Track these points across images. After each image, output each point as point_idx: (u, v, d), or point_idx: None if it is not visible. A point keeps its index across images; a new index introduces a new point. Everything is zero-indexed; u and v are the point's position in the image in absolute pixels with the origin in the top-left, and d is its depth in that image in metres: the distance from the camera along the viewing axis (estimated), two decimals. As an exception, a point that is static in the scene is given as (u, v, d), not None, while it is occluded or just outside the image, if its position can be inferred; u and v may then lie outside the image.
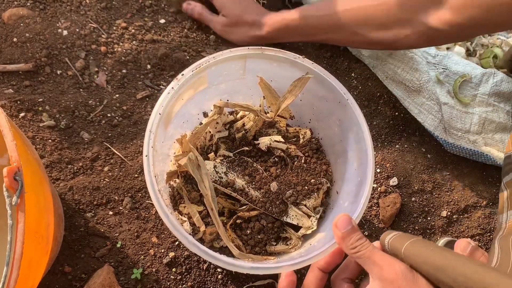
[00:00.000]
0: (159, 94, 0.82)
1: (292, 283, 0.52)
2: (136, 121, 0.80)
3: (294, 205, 0.65)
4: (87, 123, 0.78)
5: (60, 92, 0.79)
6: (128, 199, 0.73)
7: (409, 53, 0.85)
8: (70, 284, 0.66)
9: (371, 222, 0.78)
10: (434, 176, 0.84)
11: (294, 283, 0.53)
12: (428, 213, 0.81)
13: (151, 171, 0.54)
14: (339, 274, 0.50)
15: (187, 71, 0.60)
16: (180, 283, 0.69)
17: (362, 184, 0.60)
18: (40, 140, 0.75)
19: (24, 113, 0.76)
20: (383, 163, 0.83)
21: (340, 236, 0.47)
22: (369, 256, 0.44)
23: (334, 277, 0.51)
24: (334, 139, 0.70)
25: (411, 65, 0.85)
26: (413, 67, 0.85)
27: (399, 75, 0.85)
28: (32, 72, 0.80)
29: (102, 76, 0.82)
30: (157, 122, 0.57)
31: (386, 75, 0.87)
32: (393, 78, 0.86)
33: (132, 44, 0.85)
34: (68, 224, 0.70)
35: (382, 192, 0.81)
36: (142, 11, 0.90)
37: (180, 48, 0.87)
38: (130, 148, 0.77)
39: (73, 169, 0.74)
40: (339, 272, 0.51)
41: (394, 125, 0.88)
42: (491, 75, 0.90)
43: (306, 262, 0.53)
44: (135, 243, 0.70)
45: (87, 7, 0.87)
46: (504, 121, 0.88)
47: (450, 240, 0.76)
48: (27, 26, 0.81)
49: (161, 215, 0.53)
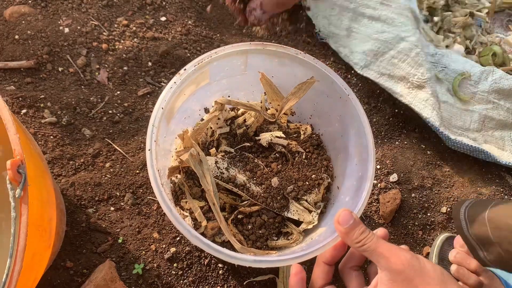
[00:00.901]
0: (160, 91, 0.82)
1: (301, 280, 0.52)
2: (137, 118, 0.80)
3: (295, 200, 0.66)
4: (89, 119, 0.78)
5: (62, 89, 0.79)
6: (129, 195, 0.73)
7: (416, 48, 0.86)
8: (72, 279, 0.66)
9: (371, 218, 0.79)
10: (434, 172, 0.84)
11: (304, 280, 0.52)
12: (428, 209, 0.81)
13: (154, 165, 0.54)
14: (346, 263, 0.51)
15: (189, 66, 0.60)
16: (181, 278, 0.69)
17: (363, 179, 0.60)
18: (42, 136, 0.75)
19: (26, 109, 0.76)
20: (383, 159, 0.84)
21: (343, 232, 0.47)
22: (375, 248, 0.44)
23: (342, 266, 0.51)
24: (335, 134, 0.70)
25: (417, 60, 0.85)
26: (419, 62, 0.85)
27: (402, 69, 0.85)
28: (34, 69, 0.80)
29: (104, 73, 0.82)
30: (160, 117, 0.57)
31: (383, 72, 0.87)
32: (392, 75, 0.86)
33: (133, 42, 0.85)
34: (70, 219, 0.70)
35: (382, 188, 0.81)
36: (143, 8, 0.91)
37: (181, 45, 0.87)
38: (132, 145, 0.78)
39: (75, 165, 0.74)
40: (346, 261, 0.51)
41: (394, 122, 0.88)
42: (490, 72, 0.91)
43: (308, 256, 0.53)
44: (137, 239, 0.71)
45: (89, 5, 0.87)
46: (504, 118, 0.89)
47: (449, 236, 0.76)
48: (28, 23, 0.82)
49: (164, 209, 0.53)
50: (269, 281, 0.71)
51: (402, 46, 0.86)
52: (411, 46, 0.86)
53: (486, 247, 0.60)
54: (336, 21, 0.91)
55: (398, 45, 0.87)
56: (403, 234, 0.79)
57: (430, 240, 0.79)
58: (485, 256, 0.61)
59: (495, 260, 0.60)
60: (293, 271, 0.52)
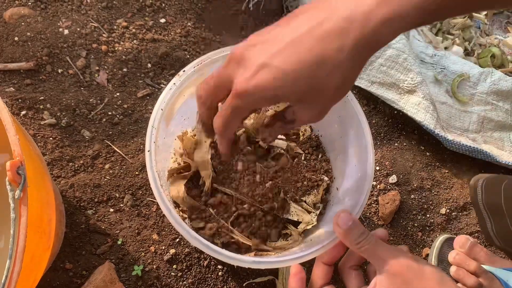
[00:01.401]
0: (159, 92, 0.82)
1: (301, 281, 0.52)
2: (137, 119, 0.80)
3: (294, 202, 0.66)
4: (88, 121, 0.78)
5: (61, 90, 0.80)
6: (128, 197, 0.73)
7: (403, 54, 0.86)
8: (71, 280, 0.66)
9: (371, 219, 0.79)
10: (433, 173, 0.84)
11: (303, 280, 0.52)
12: (427, 210, 0.81)
13: (153, 167, 0.54)
14: (346, 263, 0.51)
15: (188, 67, 0.61)
16: (180, 279, 0.69)
17: (362, 180, 0.60)
18: (41, 138, 0.75)
19: (26, 111, 0.76)
20: (382, 161, 0.84)
21: (342, 234, 0.47)
22: (374, 251, 0.45)
23: (341, 266, 0.52)
24: (334, 135, 0.70)
25: (405, 66, 0.86)
26: (407, 68, 0.86)
27: (391, 76, 0.86)
28: (33, 71, 0.80)
29: (103, 74, 0.83)
30: (159, 118, 0.57)
31: (373, 80, 0.87)
32: (382, 82, 0.87)
33: (132, 43, 0.86)
34: (69, 221, 0.70)
35: (381, 189, 0.81)
36: (142, 10, 0.91)
37: (181, 47, 0.87)
38: (131, 146, 0.78)
39: (74, 167, 0.74)
40: (345, 260, 0.51)
41: (393, 123, 0.89)
42: (489, 74, 0.91)
43: (308, 257, 0.53)
44: (136, 240, 0.71)
45: (88, 7, 0.87)
46: (503, 119, 0.89)
47: (449, 237, 0.76)
48: (28, 25, 0.82)
49: (163, 210, 0.53)
50: (269, 282, 0.71)
51: (389, 53, 0.87)
52: (398, 53, 0.86)
53: (495, 217, 0.61)
54: None
55: (385, 52, 0.87)
56: (403, 235, 0.79)
57: (430, 242, 0.79)
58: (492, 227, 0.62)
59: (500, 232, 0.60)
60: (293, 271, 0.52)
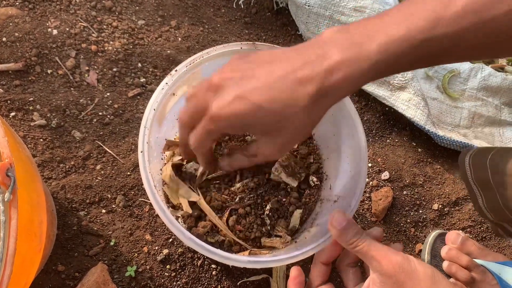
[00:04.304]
0: (150, 92, 0.82)
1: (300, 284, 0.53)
2: (128, 119, 0.79)
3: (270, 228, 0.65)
4: (79, 121, 0.77)
5: (51, 91, 0.79)
6: (121, 197, 0.73)
7: None
8: (64, 283, 0.65)
9: (364, 216, 0.79)
10: (425, 169, 0.85)
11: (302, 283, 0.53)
12: (420, 206, 0.82)
13: (147, 167, 0.54)
14: (343, 261, 0.52)
15: (180, 66, 0.60)
16: (174, 279, 0.69)
17: (355, 179, 0.60)
18: (32, 139, 0.74)
19: (15, 112, 0.75)
20: (375, 157, 0.84)
21: (337, 234, 0.48)
22: (367, 251, 0.45)
23: (339, 264, 0.52)
24: (327, 134, 0.70)
25: None
26: None
27: None
28: (22, 72, 0.79)
29: (93, 75, 0.82)
30: (152, 118, 0.57)
31: None
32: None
33: (122, 43, 0.85)
34: (61, 223, 0.69)
35: (374, 186, 0.81)
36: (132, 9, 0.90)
37: (171, 46, 0.87)
38: (122, 146, 0.77)
39: (65, 168, 0.73)
40: (342, 258, 0.52)
41: (385, 120, 0.89)
42: (479, 69, 0.91)
43: (302, 256, 0.53)
44: (129, 241, 0.70)
45: (77, 6, 0.86)
46: (493, 115, 0.90)
47: (441, 233, 0.77)
48: (16, 25, 0.81)
49: (157, 210, 0.52)
50: (263, 281, 0.71)
51: None
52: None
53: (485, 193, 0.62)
54: (314, 28, 0.90)
55: None
56: (396, 231, 0.79)
57: (422, 237, 0.80)
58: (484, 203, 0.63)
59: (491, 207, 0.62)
60: (292, 274, 0.53)
